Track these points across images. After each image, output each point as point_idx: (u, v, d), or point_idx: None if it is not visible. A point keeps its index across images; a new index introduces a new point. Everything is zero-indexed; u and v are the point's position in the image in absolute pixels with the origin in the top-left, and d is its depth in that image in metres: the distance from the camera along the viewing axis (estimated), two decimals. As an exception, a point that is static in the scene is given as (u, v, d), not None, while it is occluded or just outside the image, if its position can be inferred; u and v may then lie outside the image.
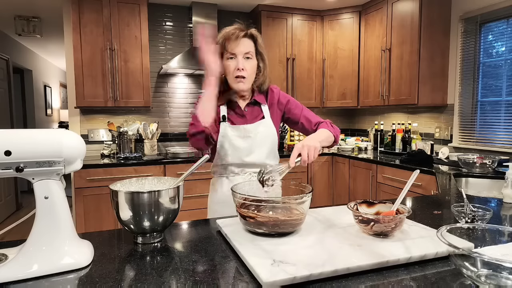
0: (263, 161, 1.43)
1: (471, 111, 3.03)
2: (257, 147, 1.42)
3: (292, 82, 3.90)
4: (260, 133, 1.43)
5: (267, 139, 1.44)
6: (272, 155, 1.48)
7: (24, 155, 0.81)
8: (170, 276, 0.81)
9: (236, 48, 1.35)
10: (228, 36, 1.35)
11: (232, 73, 1.37)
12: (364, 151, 3.75)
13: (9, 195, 4.65)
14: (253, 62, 1.39)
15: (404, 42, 3.20)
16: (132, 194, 0.96)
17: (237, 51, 1.35)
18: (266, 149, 1.44)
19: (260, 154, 1.43)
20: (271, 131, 1.45)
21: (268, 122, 1.45)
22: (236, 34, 1.35)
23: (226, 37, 1.36)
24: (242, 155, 1.42)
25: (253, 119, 1.45)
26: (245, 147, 1.42)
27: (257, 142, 1.42)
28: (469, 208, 1.15)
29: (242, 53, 1.35)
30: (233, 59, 1.36)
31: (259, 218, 0.97)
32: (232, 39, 1.34)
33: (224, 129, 1.42)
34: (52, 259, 0.83)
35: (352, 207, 1.06)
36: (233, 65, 1.36)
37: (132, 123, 3.54)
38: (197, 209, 3.21)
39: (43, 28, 4.25)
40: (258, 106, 1.47)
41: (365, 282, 0.77)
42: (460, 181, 2.26)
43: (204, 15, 3.64)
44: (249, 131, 1.42)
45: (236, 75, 1.36)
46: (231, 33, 1.35)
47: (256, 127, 1.43)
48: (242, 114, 1.44)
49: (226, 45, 1.35)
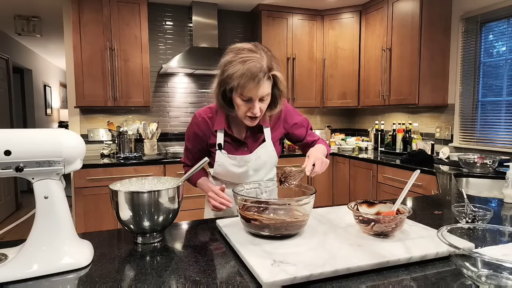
0: (261, 179, 1.42)
1: (471, 111, 3.02)
2: (255, 171, 1.39)
3: (292, 82, 3.90)
4: (260, 157, 1.35)
5: (266, 163, 1.39)
6: (271, 173, 1.47)
7: (24, 155, 0.81)
8: (170, 276, 0.81)
9: (255, 94, 1.15)
10: (248, 79, 1.10)
11: (244, 112, 1.21)
12: (365, 151, 3.75)
13: (9, 195, 4.65)
14: (268, 100, 1.21)
15: (404, 41, 3.20)
16: (132, 194, 0.96)
17: (256, 97, 1.15)
18: (264, 171, 1.42)
19: (259, 177, 1.41)
20: (271, 154, 1.38)
21: (269, 145, 1.37)
22: (259, 78, 1.11)
23: (245, 79, 1.10)
24: (240, 180, 1.38)
25: (253, 144, 1.36)
26: (242, 174, 1.37)
27: (256, 166, 1.37)
28: (469, 208, 1.15)
29: (259, 97, 1.16)
30: (247, 101, 1.17)
31: (265, 221, 0.96)
32: (252, 84, 1.11)
33: (220, 157, 1.34)
34: (52, 259, 0.83)
35: (353, 207, 1.06)
36: (246, 107, 1.18)
37: (132, 122, 3.54)
38: (197, 209, 3.21)
39: (43, 28, 4.25)
40: (259, 129, 1.37)
41: (366, 282, 0.77)
42: (461, 181, 2.26)
43: (204, 15, 3.63)
44: (247, 161, 1.34)
45: (249, 115, 1.21)
46: (251, 76, 1.10)
47: (255, 154, 1.34)
48: (242, 141, 1.35)
49: (242, 87, 1.12)
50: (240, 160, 1.35)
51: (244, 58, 1.12)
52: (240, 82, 1.11)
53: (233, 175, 1.38)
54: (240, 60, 1.12)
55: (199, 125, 1.36)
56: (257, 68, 1.11)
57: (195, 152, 1.44)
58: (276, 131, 1.40)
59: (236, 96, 1.18)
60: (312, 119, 4.42)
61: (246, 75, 1.10)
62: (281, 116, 1.40)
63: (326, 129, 4.39)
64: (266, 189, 1.25)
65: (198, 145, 1.40)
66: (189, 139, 1.42)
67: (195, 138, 1.39)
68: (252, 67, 1.10)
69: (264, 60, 1.14)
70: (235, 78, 1.12)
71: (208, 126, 1.35)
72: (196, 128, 1.37)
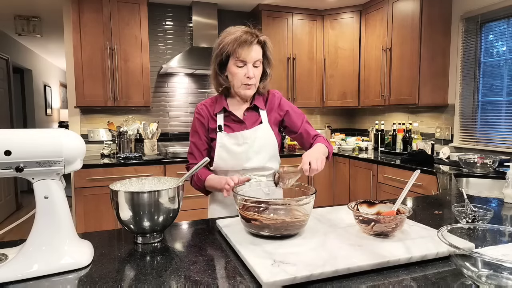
0: (264, 166, 1.42)
1: (471, 111, 3.02)
2: (256, 153, 1.40)
3: (292, 82, 3.90)
4: (258, 138, 1.39)
5: (265, 145, 1.41)
6: (273, 159, 1.47)
7: (24, 155, 0.80)
8: (170, 276, 0.81)
9: (248, 56, 1.30)
10: (241, 42, 1.28)
11: (240, 80, 1.33)
12: (365, 151, 3.75)
13: (9, 195, 4.65)
14: (260, 68, 1.37)
15: (404, 41, 3.20)
16: (132, 194, 0.96)
17: (249, 59, 1.30)
18: (266, 155, 1.42)
19: (260, 160, 1.41)
20: (269, 136, 1.43)
21: (266, 127, 1.42)
22: (249, 41, 1.29)
23: (238, 43, 1.28)
24: (242, 161, 1.40)
25: (252, 125, 1.42)
26: (243, 153, 1.39)
27: (255, 148, 1.40)
28: (469, 208, 1.15)
29: (252, 61, 1.31)
30: (242, 67, 1.32)
31: (265, 221, 0.96)
32: (245, 47, 1.29)
33: (221, 139, 1.39)
34: (52, 259, 0.83)
35: (353, 207, 1.06)
36: (242, 72, 1.32)
37: (132, 122, 3.54)
38: (197, 209, 3.21)
39: (43, 28, 4.25)
40: (256, 111, 1.45)
41: (366, 282, 0.77)
42: (461, 181, 2.26)
43: (204, 15, 3.63)
44: (247, 138, 1.39)
45: (245, 82, 1.33)
46: (244, 39, 1.28)
47: (253, 132, 1.40)
48: (240, 120, 1.42)
49: (236, 51, 1.29)
50: (240, 138, 1.39)
51: (235, 30, 1.32)
52: (234, 45, 1.28)
53: (234, 156, 1.39)
54: (232, 32, 1.32)
55: (200, 112, 1.45)
56: (247, 34, 1.30)
57: (200, 144, 1.44)
58: (272, 115, 1.47)
59: (232, 64, 1.33)
60: (312, 119, 4.42)
61: (239, 39, 1.28)
62: (277, 102, 1.48)
63: (326, 129, 4.39)
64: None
65: (203, 134, 1.43)
66: (194, 131, 1.46)
67: (199, 127, 1.44)
68: (243, 33, 1.29)
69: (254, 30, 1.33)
70: (229, 43, 1.29)
71: (208, 111, 1.44)
72: (198, 115, 1.45)
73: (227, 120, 1.42)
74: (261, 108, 1.44)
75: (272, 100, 1.48)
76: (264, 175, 1.44)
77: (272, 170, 1.46)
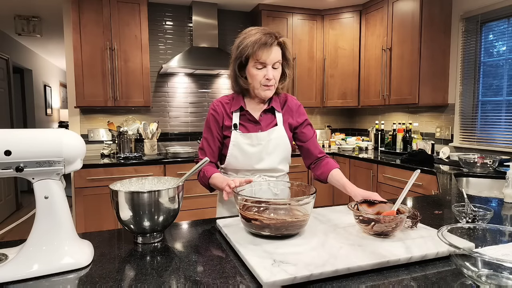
0: (275, 167, 1.43)
1: (472, 110, 3.02)
2: (268, 154, 1.41)
3: (292, 82, 3.89)
4: (272, 140, 1.41)
5: (279, 146, 1.42)
6: (284, 161, 1.47)
7: (24, 155, 0.81)
8: (170, 276, 0.81)
9: (268, 58, 1.30)
10: (261, 44, 1.27)
11: (259, 82, 1.33)
12: (365, 151, 3.75)
13: (9, 195, 4.65)
14: (280, 69, 1.37)
15: (404, 41, 3.20)
16: (132, 194, 0.96)
17: (269, 61, 1.30)
18: (277, 157, 1.43)
19: (271, 162, 1.42)
20: (283, 138, 1.43)
21: (281, 129, 1.43)
22: (269, 43, 1.28)
23: (258, 45, 1.28)
24: (253, 162, 1.40)
25: (267, 126, 1.43)
26: (256, 154, 1.40)
27: (269, 149, 1.41)
28: (470, 208, 1.15)
29: (272, 63, 1.31)
30: (261, 68, 1.32)
31: (265, 220, 0.96)
32: (265, 49, 1.28)
33: (235, 137, 1.40)
34: (52, 259, 0.83)
35: (353, 207, 1.06)
36: (261, 74, 1.32)
37: (132, 122, 3.54)
38: (197, 209, 3.21)
39: (43, 28, 4.25)
40: (272, 113, 1.45)
41: (366, 282, 0.77)
42: (461, 181, 2.26)
43: (204, 15, 3.63)
44: (261, 139, 1.40)
45: (264, 84, 1.33)
46: (264, 41, 1.27)
47: (268, 134, 1.41)
48: (256, 120, 1.42)
49: (256, 53, 1.29)
50: (254, 139, 1.40)
51: (255, 32, 1.32)
52: (254, 48, 1.28)
53: (246, 156, 1.40)
54: (252, 34, 1.31)
55: (216, 108, 1.44)
56: (267, 35, 1.29)
57: (212, 140, 1.43)
58: (287, 118, 1.47)
59: (251, 66, 1.33)
60: (312, 119, 4.42)
61: (259, 41, 1.27)
62: (294, 107, 1.50)
63: (326, 129, 4.39)
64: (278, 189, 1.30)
65: (216, 131, 1.43)
66: (207, 127, 1.45)
67: (213, 123, 1.43)
68: (263, 35, 1.29)
69: (272, 31, 1.32)
70: (249, 46, 1.28)
71: (224, 108, 1.44)
72: (213, 111, 1.44)
73: (242, 119, 1.43)
74: (278, 110, 1.45)
75: (291, 103, 1.49)
76: (274, 176, 1.45)
77: (282, 172, 1.48)
